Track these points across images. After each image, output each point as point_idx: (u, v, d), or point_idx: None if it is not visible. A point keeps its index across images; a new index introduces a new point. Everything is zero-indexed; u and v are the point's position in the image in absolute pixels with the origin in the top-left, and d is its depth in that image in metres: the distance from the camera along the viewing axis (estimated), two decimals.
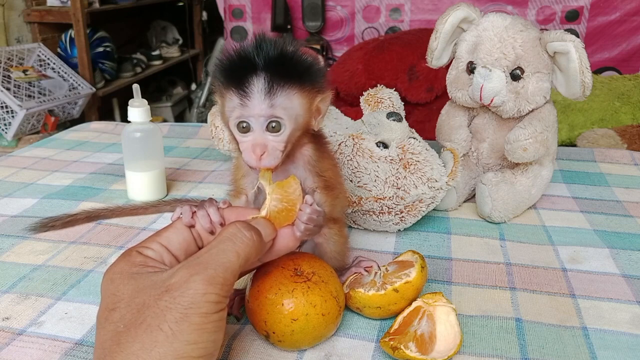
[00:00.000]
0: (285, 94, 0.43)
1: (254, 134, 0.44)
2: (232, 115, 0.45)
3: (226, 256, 0.38)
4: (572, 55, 0.68)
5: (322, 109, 0.48)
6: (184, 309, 0.35)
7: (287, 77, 0.43)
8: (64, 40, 2.42)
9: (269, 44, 0.43)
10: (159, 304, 0.35)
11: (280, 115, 0.44)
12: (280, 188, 0.44)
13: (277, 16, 2.32)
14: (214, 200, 0.45)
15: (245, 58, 0.43)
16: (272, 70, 0.43)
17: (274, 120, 0.44)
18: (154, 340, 0.34)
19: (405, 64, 1.67)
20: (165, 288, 0.36)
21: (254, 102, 0.43)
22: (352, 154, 0.67)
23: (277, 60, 0.43)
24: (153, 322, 0.34)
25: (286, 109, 0.44)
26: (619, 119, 1.62)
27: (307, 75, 0.45)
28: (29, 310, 0.55)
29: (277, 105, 0.43)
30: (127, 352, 0.34)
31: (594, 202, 0.81)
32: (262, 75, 0.43)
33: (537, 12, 2.20)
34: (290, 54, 0.44)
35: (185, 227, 0.43)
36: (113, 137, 1.12)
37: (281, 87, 0.43)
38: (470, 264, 0.64)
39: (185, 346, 0.34)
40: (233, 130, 0.45)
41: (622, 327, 0.53)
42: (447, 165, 0.71)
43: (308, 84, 0.45)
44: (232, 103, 0.44)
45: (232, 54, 0.44)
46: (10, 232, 0.71)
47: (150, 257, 0.40)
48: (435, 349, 0.47)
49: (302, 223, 0.44)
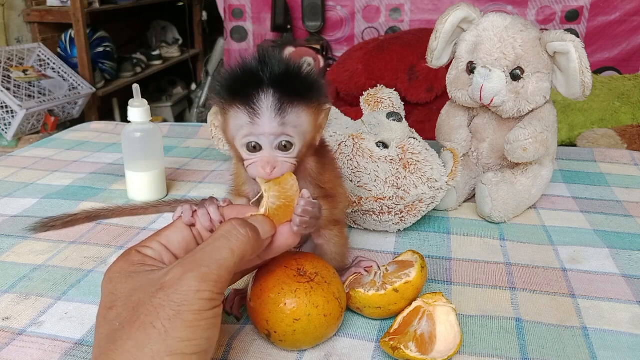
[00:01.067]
0: (294, 111, 0.42)
1: (264, 152, 0.43)
2: (239, 133, 0.43)
3: (220, 253, 0.38)
4: (572, 55, 0.68)
5: (324, 124, 0.47)
6: (177, 306, 0.35)
7: (295, 94, 0.42)
8: (64, 40, 2.42)
9: (274, 58, 0.42)
10: (153, 301, 0.35)
11: (291, 134, 0.43)
12: (277, 185, 0.44)
13: (277, 16, 2.32)
14: (215, 199, 0.45)
15: (250, 73, 0.42)
16: (279, 86, 0.41)
17: (285, 140, 0.43)
18: (148, 338, 0.34)
19: (405, 64, 1.67)
20: (160, 286, 0.36)
21: (264, 120, 0.42)
22: (352, 154, 0.67)
23: (283, 76, 0.42)
24: (147, 320, 0.35)
25: (296, 127, 0.43)
26: (619, 119, 1.62)
27: (313, 91, 0.44)
28: (29, 310, 0.55)
29: (288, 124, 0.42)
30: (121, 350, 0.34)
31: (594, 202, 0.81)
32: (271, 92, 0.41)
33: (537, 12, 2.20)
34: (296, 70, 0.43)
35: (185, 226, 0.43)
36: (113, 137, 1.12)
37: (290, 104, 0.42)
38: (470, 264, 0.64)
39: (178, 343, 0.34)
40: (240, 150, 0.44)
41: (622, 327, 0.53)
42: (447, 165, 0.71)
43: (314, 100, 0.44)
44: (239, 121, 0.43)
45: (235, 68, 0.43)
46: (10, 232, 0.71)
47: (149, 256, 0.40)
48: (435, 349, 0.47)
49: (298, 216, 0.44)
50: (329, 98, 0.46)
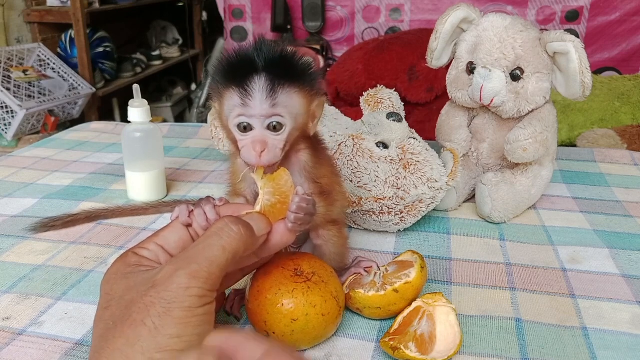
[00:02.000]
0: (286, 92, 0.44)
1: (254, 132, 0.44)
2: (231, 114, 0.45)
3: (211, 250, 0.38)
4: (572, 56, 0.68)
5: (318, 114, 0.49)
6: (167, 304, 0.35)
7: (287, 77, 0.44)
8: (64, 40, 2.42)
9: (269, 46, 0.44)
10: (145, 299, 0.35)
11: (281, 114, 0.44)
12: (271, 181, 0.44)
13: (277, 16, 2.32)
14: (212, 198, 0.45)
15: (245, 58, 0.44)
16: (272, 70, 0.43)
17: (275, 120, 0.44)
18: (138, 335, 0.34)
19: (405, 64, 1.67)
20: (152, 284, 0.36)
21: (256, 101, 0.43)
22: (352, 154, 0.67)
23: (277, 61, 0.43)
24: (138, 318, 0.35)
25: (287, 107, 0.44)
26: (619, 119, 1.62)
27: (306, 76, 0.45)
28: (29, 310, 0.55)
29: (279, 104, 0.44)
30: (112, 348, 0.34)
31: (594, 202, 0.81)
32: (263, 75, 0.43)
33: (537, 12, 2.20)
34: (289, 55, 0.45)
35: (182, 226, 0.43)
36: (113, 137, 1.12)
37: (282, 86, 0.43)
38: (470, 264, 0.64)
39: (168, 340, 0.34)
40: (233, 130, 0.45)
41: (622, 327, 0.53)
42: (447, 166, 0.71)
43: (307, 84, 0.45)
44: (232, 102, 0.44)
45: (231, 55, 0.45)
46: (10, 232, 0.71)
47: (145, 257, 0.40)
48: (435, 349, 0.47)
49: (292, 213, 0.44)
50: (322, 87, 0.48)
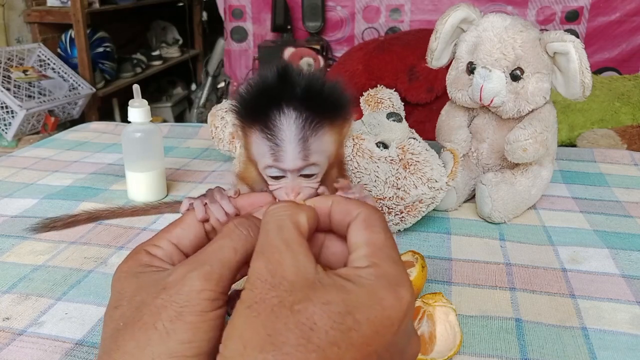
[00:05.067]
0: (318, 136, 0.39)
1: (287, 180, 0.41)
2: (261, 160, 0.41)
3: (223, 252, 0.38)
4: (572, 56, 0.68)
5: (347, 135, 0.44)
6: (179, 307, 0.35)
7: (318, 115, 0.39)
8: (64, 40, 2.42)
9: (295, 75, 0.39)
10: (156, 302, 0.35)
11: (315, 162, 0.40)
12: None
13: (277, 16, 2.32)
14: (222, 189, 0.43)
15: (269, 92, 0.39)
16: (301, 108, 0.38)
17: (308, 170, 0.40)
18: (148, 339, 0.34)
19: (405, 64, 1.67)
20: (163, 286, 0.36)
21: (288, 155, 0.39)
22: (352, 154, 0.67)
23: (306, 95, 0.38)
24: (149, 321, 0.35)
25: (320, 152, 0.40)
26: (619, 119, 1.63)
27: (338, 109, 0.41)
28: (29, 311, 0.55)
29: (312, 153, 0.39)
30: (123, 351, 0.34)
31: (593, 202, 0.81)
32: (292, 117, 0.38)
33: (537, 13, 2.20)
34: (319, 85, 0.39)
35: (196, 223, 0.41)
36: (113, 138, 1.12)
37: (314, 129, 0.38)
38: (470, 264, 0.64)
39: (178, 345, 0.34)
40: (262, 173, 0.42)
41: (622, 327, 0.53)
42: (447, 166, 0.71)
43: (340, 116, 0.41)
44: (261, 148, 0.40)
45: (254, 86, 0.40)
46: (10, 232, 0.71)
47: (157, 256, 0.40)
48: (435, 349, 0.47)
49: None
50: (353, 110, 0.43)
